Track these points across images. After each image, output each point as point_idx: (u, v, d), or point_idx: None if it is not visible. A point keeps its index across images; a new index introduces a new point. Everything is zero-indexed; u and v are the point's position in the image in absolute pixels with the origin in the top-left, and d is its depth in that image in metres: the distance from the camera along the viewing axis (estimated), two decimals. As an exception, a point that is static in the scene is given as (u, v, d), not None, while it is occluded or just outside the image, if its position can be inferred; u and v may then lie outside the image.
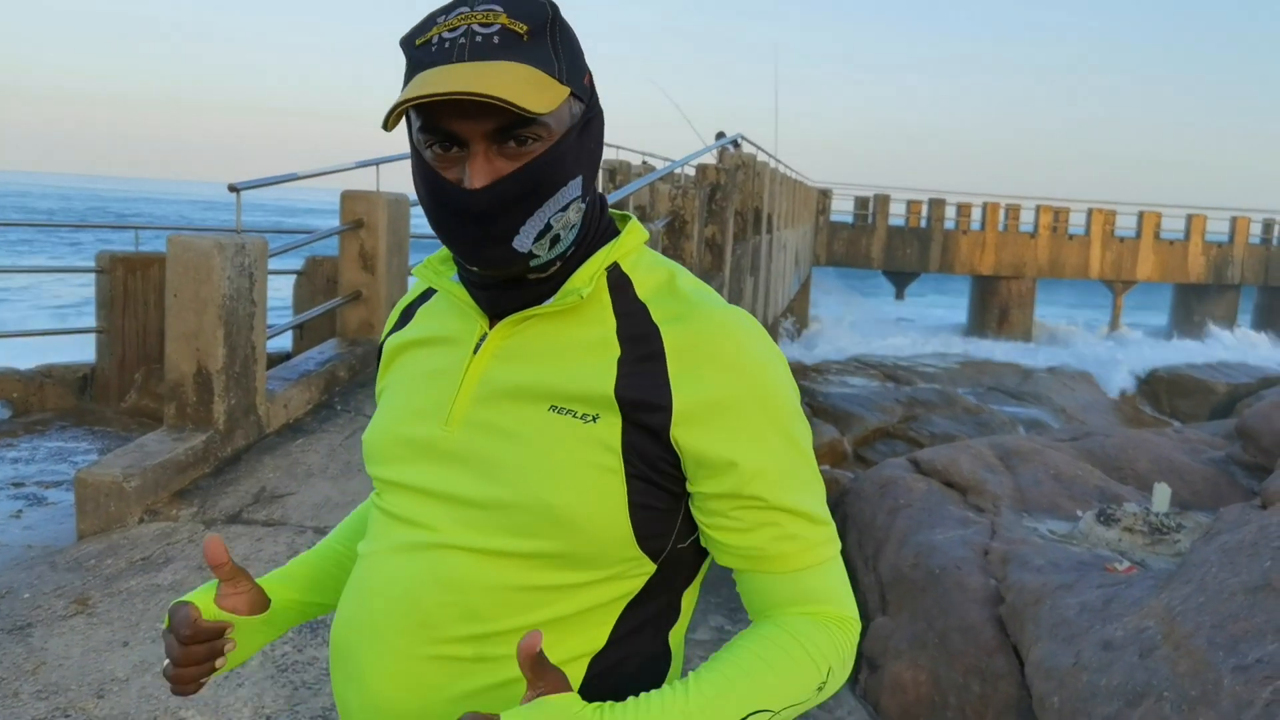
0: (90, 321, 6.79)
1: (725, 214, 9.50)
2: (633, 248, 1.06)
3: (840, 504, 6.68)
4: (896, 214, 26.47)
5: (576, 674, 1.00)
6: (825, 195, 26.19)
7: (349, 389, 5.81)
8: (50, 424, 6.05)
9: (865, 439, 16.45)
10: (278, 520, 4.09)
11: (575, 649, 1.01)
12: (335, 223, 6.44)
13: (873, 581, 5.60)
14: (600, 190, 1.10)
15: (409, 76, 0.95)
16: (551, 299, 1.01)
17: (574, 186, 0.98)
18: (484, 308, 1.04)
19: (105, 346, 6.62)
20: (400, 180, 6.74)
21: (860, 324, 26.79)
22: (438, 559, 1.00)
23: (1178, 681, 3.49)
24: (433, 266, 1.11)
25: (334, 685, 1.11)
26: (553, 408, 0.98)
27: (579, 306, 1.01)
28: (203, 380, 4.65)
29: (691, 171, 10.06)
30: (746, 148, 12.76)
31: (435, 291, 1.15)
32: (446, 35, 0.93)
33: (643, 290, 1.02)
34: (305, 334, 7.06)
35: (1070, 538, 5.30)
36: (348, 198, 6.37)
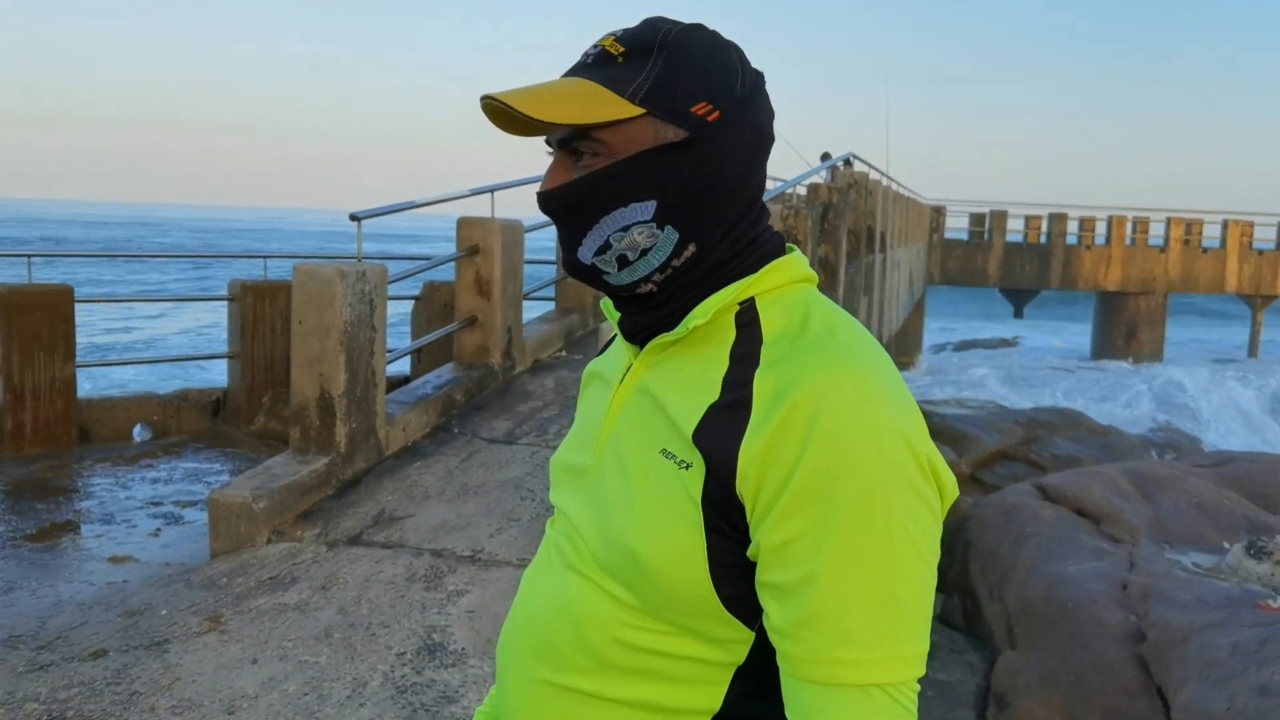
0: (222, 347, 7.09)
1: (838, 233, 9.35)
2: (775, 284, 0.99)
3: (961, 529, 6.45)
4: (1014, 230, 25.72)
5: None
6: (939, 212, 25.62)
7: (465, 412, 5.90)
8: (186, 445, 6.32)
9: (983, 461, 15.93)
10: (396, 542, 4.16)
11: (689, 703, 0.96)
12: (451, 249, 6.57)
13: (998, 612, 5.37)
14: (757, 226, 1.01)
15: None
16: (675, 329, 0.98)
17: (639, 209, 0.94)
18: (623, 331, 1.04)
19: (236, 371, 6.89)
20: (514, 206, 6.86)
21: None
22: (569, 587, 1.01)
23: (1345, 731, 3.21)
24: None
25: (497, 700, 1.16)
26: (663, 450, 0.95)
27: (703, 343, 0.97)
28: (325, 404, 4.77)
29: (803, 191, 9.95)
30: (858, 166, 12.58)
31: None
32: (579, 59, 0.99)
33: (769, 331, 0.95)
34: (423, 358, 7.21)
35: (1217, 571, 4.98)
36: (464, 224, 6.49)
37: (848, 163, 12.36)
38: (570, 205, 0.97)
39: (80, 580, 4.05)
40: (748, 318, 0.97)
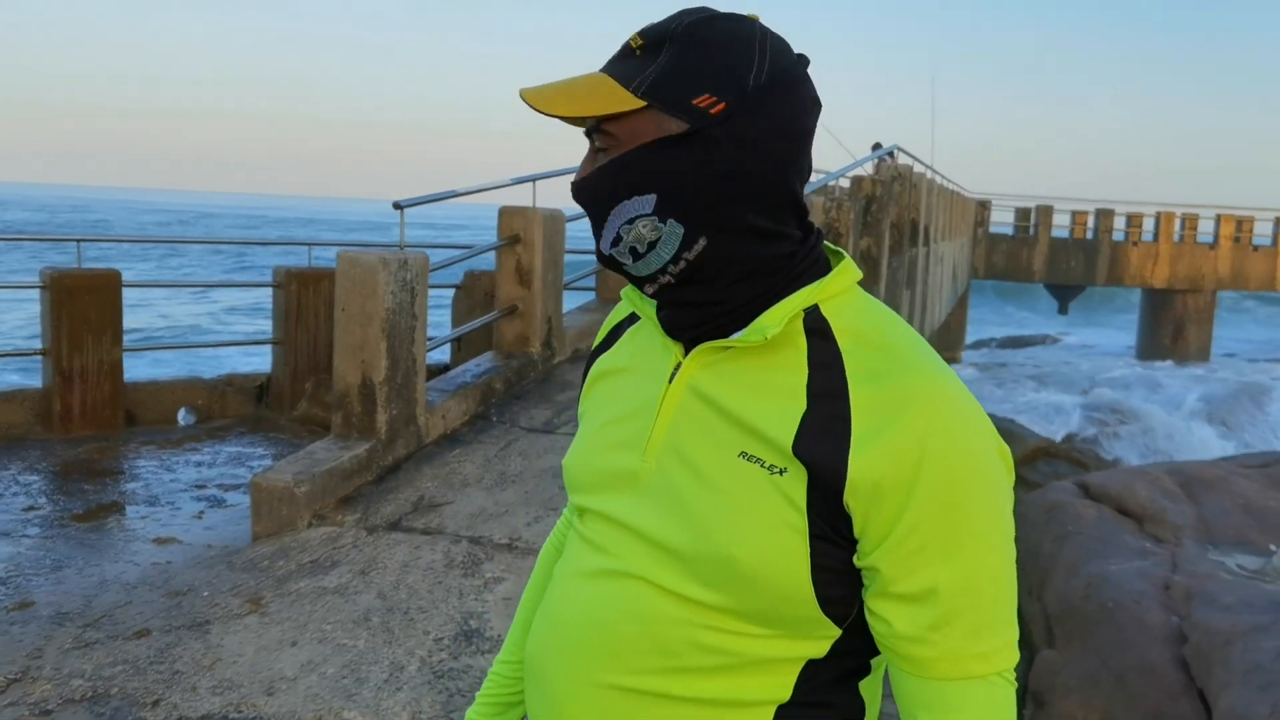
0: (265, 332, 7.18)
1: (881, 226, 9.27)
2: (839, 289, 0.99)
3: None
4: (1060, 225, 25.34)
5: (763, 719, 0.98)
6: (984, 206, 25.30)
7: (504, 401, 5.93)
8: (230, 430, 6.42)
9: (1026, 458, 15.76)
10: (435, 529, 4.20)
11: (758, 694, 0.98)
12: (492, 238, 6.60)
13: (1037, 611, 5.31)
14: (803, 226, 1.00)
15: None
16: (740, 333, 0.97)
17: (641, 203, 0.94)
18: (664, 328, 1.02)
19: (280, 357, 6.98)
20: (556, 196, 6.87)
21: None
22: (628, 590, 1.00)
23: (1395, 740, 3.14)
24: (637, 289, 1.07)
25: (528, 705, 1.12)
26: (743, 454, 0.94)
27: (773, 348, 0.96)
28: (367, 391, 4.82)
29: (846, 184, 9.87)
30: (902, 159, 12.45)
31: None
32: None
33: (844, 339, 0.95)
34: (463, 346, 7.26)
35: (1263, 574, 4.88)
36: (505, 213, 6.51)
37: (892, 155, 12.24)
38: (587, 197, 0.98)
39: (125, 560, 4.13)
40: (817, 325, 0.96)
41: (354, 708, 2.92)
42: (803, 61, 0.97)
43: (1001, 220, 25.68)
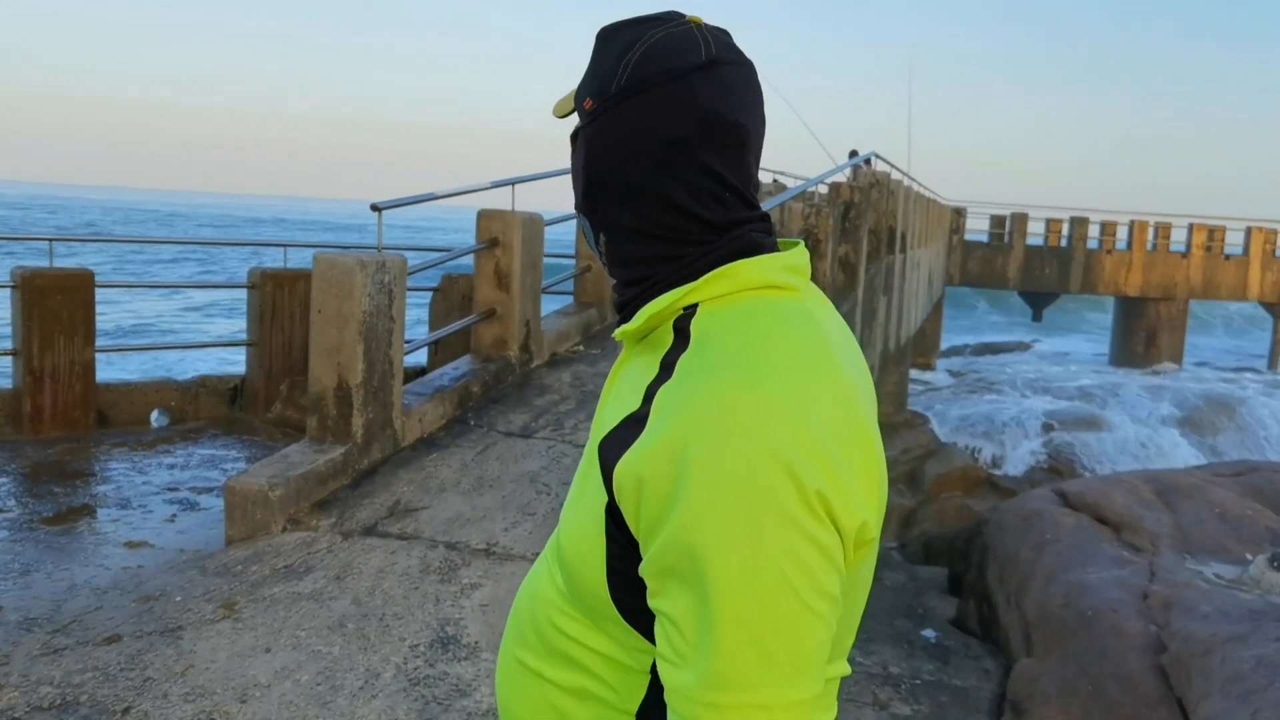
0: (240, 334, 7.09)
1: (859, 233, 9.29)
2: (718, 292, 0.94)
3: (978, 534, 6.39)
4: (1035, 233, 25.55)
5: None
6: (959, 214, 25.47)
7: (482, 405, 5.88)
8: (203, 432, 6.33)
9: (1000, 464, 15.82)
10: (411, 534, 4.15)
11: (610, 699, 0.99)
12: (467, 240, 6.55)
13: (1015, 619, 5.32)
14: (695, 230, 0.97)
15: None
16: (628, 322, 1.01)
17: (577, 200, 1.04)
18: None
19: (254, 359, 6.89)
20: (535, 200, 6.82)
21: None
22: (536, 569, 1.09)
23: (1370, 748, 3.15)
24: None
25: None
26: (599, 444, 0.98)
27: (648, 345, 0.97)
28: (343, 394, 4.76)
29: (825, 190, 9.89)
30: (880, 166, 12.50)
31: None
32: None
33: (695, 341, 0.92)
34: (440, 350, 7.20)
35: (1239, 583, 4.91)
36: (484, 216, 6.47)
37: (869, 162, 12.29)
38: None
39: (96, 564, 4.05)
40: (682, 325, 0.94)
41: (329, 715, 2.87)
42: (695, 68, 0.93)
43: (977, 228, 25.87)
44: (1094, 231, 25.48)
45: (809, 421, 0.83)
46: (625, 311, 1.02)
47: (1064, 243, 25.40)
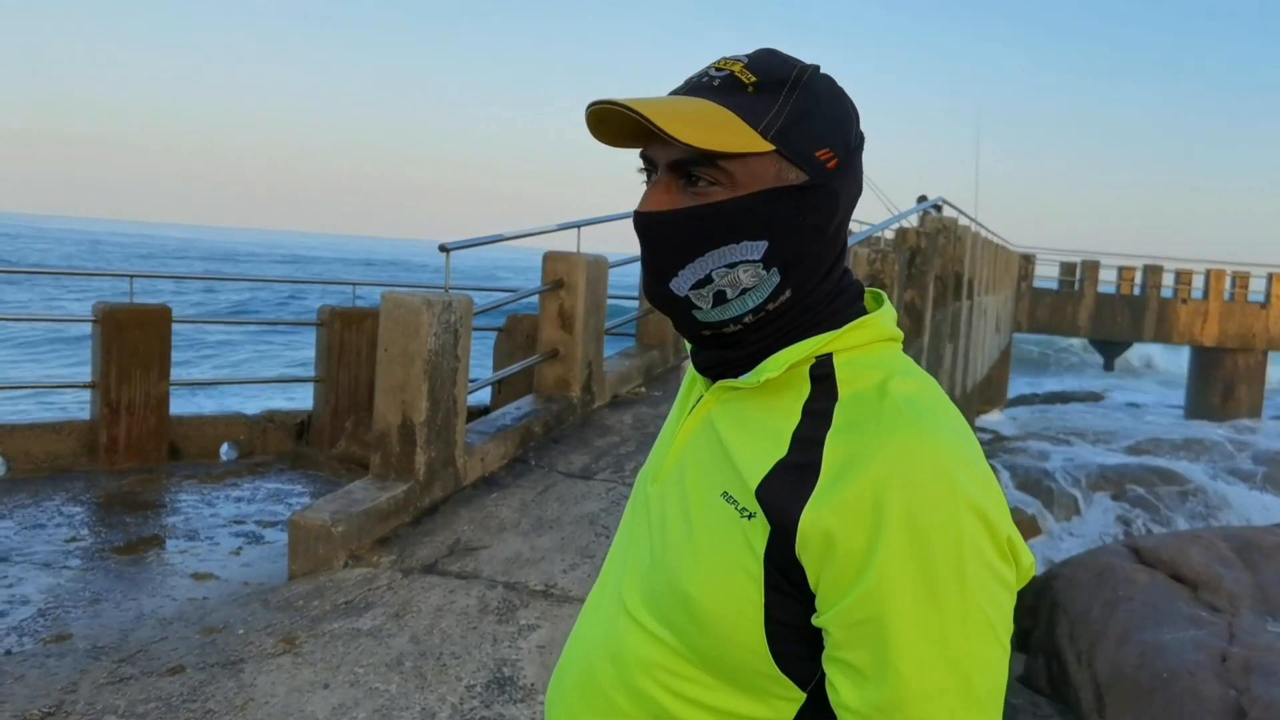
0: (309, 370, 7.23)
1: (925, 279, 9.20)
2: (859, 342, 0.95)
3: (1047, 589, 6.21)
4: (1107, 280, 25.04)
5: None
6: (1028, 260, 25.09)
7: (543, 445, 5.90)
8: (270, 466, 6.44)
9: (1069, 517, 15.42)
10: (470, 573, 4.15)
11: None
12: (533, 280, 6.62)
13: (1087, 679, 5.13)
14: (847, 277, 1.00)
15: None
16: (747, 375, 0.96)
17: (750, 248, 0.92)
18: (695, 362, 1.02)
19: (321, 395, 7.02)
20: (600, 242, 6.90)
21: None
22: (614, 627, 1.00)
23: None
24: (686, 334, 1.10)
25: None
26: (724, 493, 0.93)
27: (776, 391, 0.94)
28: (407, 431, 4.82)
29: (891, 235, 9.83)
30: (948, 211, 12.39)
31: None
32: (693, 76, 0.95)
33: (844, 390, 0.92)
34: (503, 389, 7.26)
35: (1325, 648, 4.69)
36: (549, 258, 6.54)
37: (937, 208, 12.19)
38: (680, 232, 0.92)
39: (163, 595, 4.13)
40: (823, 372, 0.94)
41: (384, 755, 2.87)
42: None
43: (1046, 274, 25.45)
44: (1168, 280, 24.91)
45: (984, 470, 0.87)
46: (746, 359, 0.96)
47: (1137, 290, 24.87)
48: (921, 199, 12.32)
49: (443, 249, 5.30)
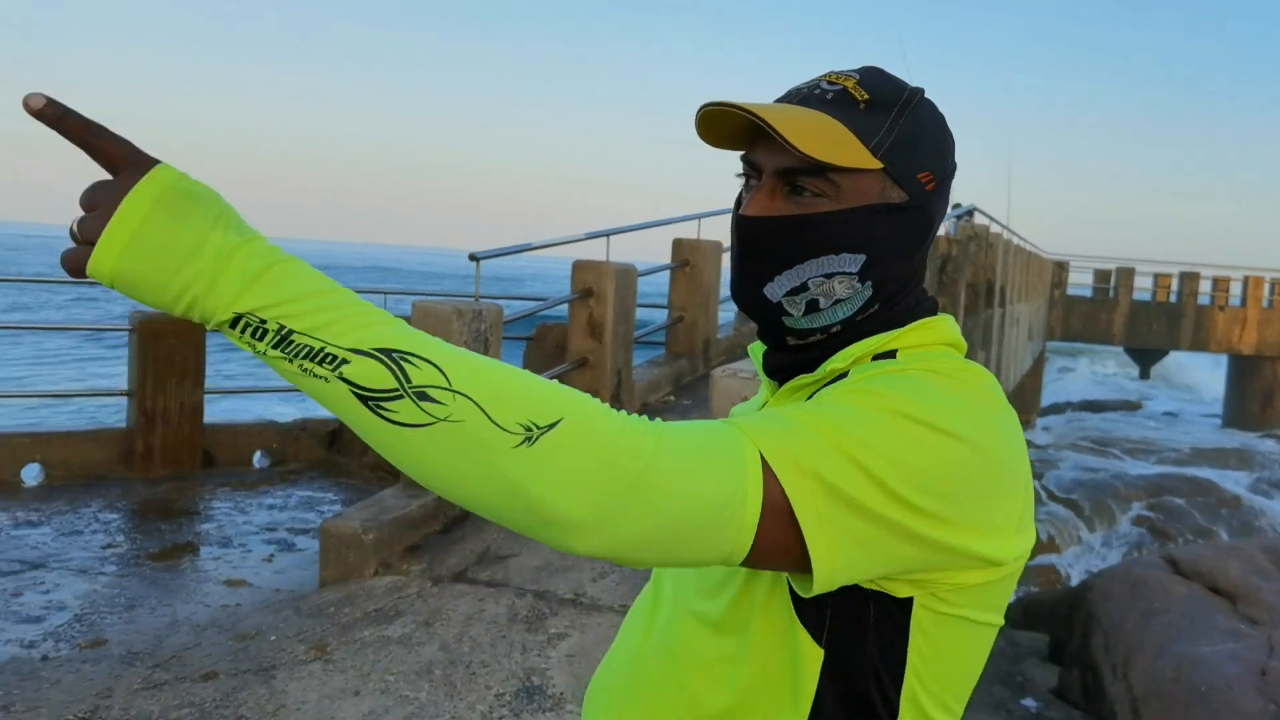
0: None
1: (956, 286, 9.13)
2: (919, 342, 0.98)
3: (1082, 600, 6.12)
4: (1142, 287, 24.72)
5: None
6: (1061, 268, 24.82)
7: (572, 453, 5.90)
8: (302, 474, 6.50)
9: (1103, 527, 15.22)
10: (499, 581, 4.16)
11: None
12: (561, 288, 6.64)
13: (1122, 692, 5.06)
14: (925, 295, 1.03)
15: None
16: (813, 372, 0.99)
17: (848, 260, 0.94)
18: (764, 367, 1.04)
19: (352, 403, 7.06)
20: (629, 251, 6.90)
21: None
22: (667, 624, 1.03)
23: None
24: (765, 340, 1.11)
25: None
26: None
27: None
28: (438, 440, 4.83)
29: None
30: (979, 218, 12.29)
31: None
32: (801, 87, 0.97)
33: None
34: (532, 397, 7.27)
35: (1369, 662, 4.59)
36: (578, 267, 6.56)
37: (970, 215, 12.11)
38: (783, 239, 0.94)
39: (197, 601, 4.17)
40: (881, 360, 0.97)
41: (414, 763, 2.87)
42: None
43: (1080, 282, 25.16)
44: (1205, 287, 24.54)
45: (1013, 416, 0.94)
46: (816, 361, 0.99)
47: (1173, 298, 24.52)
48: (954, 206, 12.25)
49: (473, 258, 5.33)
